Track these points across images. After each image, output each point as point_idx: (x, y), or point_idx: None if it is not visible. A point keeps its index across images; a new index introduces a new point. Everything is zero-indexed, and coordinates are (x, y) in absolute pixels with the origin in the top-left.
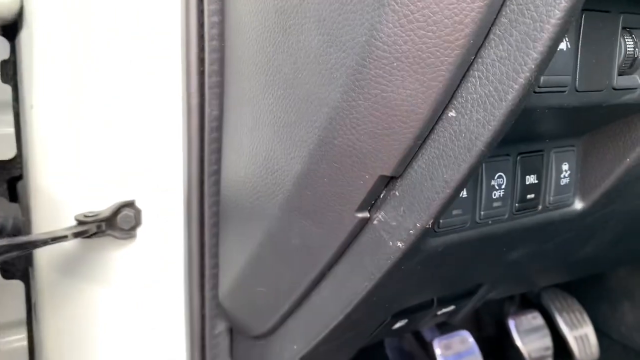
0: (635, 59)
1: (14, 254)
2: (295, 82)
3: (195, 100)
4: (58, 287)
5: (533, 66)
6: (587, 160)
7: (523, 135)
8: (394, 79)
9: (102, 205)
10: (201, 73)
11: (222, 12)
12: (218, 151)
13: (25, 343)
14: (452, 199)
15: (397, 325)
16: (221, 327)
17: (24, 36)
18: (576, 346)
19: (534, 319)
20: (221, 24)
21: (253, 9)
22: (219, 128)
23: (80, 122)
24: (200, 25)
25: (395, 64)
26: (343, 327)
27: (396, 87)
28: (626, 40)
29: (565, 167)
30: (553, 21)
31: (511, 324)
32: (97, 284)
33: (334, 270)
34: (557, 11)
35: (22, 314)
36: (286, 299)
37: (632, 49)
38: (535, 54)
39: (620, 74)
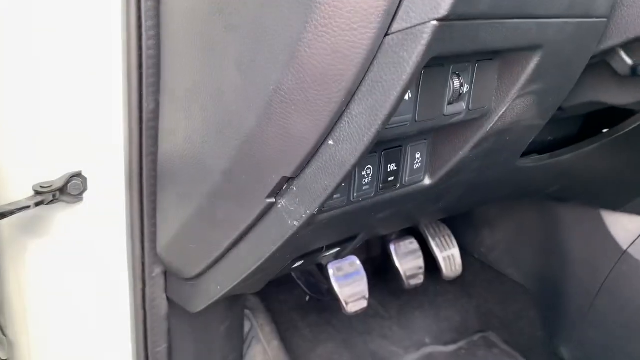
0: (460, 93)
1: None
2: (220, 103)
3: (135, 95)
4: (16, 241)
5: (381, 122)
6: (434, 150)
7: (387, 141)
8: (292, 117)
9: (50, 175)
10: (140, 74)
11: (158, 26)
12: (155, 137)
13: None
14: (331, 196)
15: (295, 265)
16: (158, 270)
17: None
18: (444, 264)
19: (411, 244)
20: (157, 36)
21: (184, 35)
22: (155, 119)
23: (33, 109)
24: (139, 35)
25: (293, 107)
26: (254, 273)
27: (294, 121)
28: (454, 81)
29: (418, 155)
30: (394, 95)
31: (392, 248)
32: (51, 239)
33: (248, 237)
34: (395, 92)
35: None
36: (211, 255)
37: (459, 87)
38: (382, 115)
39: (449, 104)
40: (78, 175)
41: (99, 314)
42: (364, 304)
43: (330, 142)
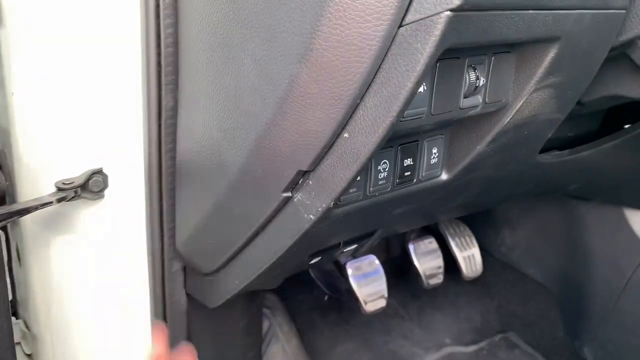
0: (477, 86)
1: (13, 218)
2: (237, 99)
3: (154, 94)
4: (40, 238)
5: (396, 114)
6: (451, 145)
7: (403, 135)
8: (307, 110)
9: (72, 172)
10: (158, 73)
11: (175, 25)
12: (173, 134)
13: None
14: (347, 189)
15: (313, 261)
16: (177, 266)
17: (2, 34)
18: (464, 264)
19: (430, 243)
20: (175, 35)
21: (202, 32)
22: (173, 116)
23: (56, 108)
24: (157, 34)
25: (307, 101)
26: (272, 268)
27: (308, 115)
28: (470, 74)
29: (434, 150)
30: (408, 87)
31: (411, 248)
32: (72, 235)
33: (265, 231)
34: (409, 83)
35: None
36: (230, 249)
37: (475, 80)
38: (396, 107)
39: (465, 97)
40: (99, 172)
41: (120, 310)
42: (382, 303)
43: (345, 134)
